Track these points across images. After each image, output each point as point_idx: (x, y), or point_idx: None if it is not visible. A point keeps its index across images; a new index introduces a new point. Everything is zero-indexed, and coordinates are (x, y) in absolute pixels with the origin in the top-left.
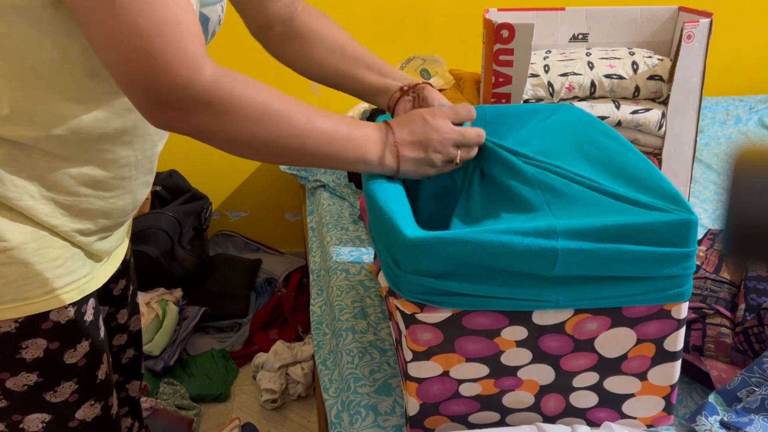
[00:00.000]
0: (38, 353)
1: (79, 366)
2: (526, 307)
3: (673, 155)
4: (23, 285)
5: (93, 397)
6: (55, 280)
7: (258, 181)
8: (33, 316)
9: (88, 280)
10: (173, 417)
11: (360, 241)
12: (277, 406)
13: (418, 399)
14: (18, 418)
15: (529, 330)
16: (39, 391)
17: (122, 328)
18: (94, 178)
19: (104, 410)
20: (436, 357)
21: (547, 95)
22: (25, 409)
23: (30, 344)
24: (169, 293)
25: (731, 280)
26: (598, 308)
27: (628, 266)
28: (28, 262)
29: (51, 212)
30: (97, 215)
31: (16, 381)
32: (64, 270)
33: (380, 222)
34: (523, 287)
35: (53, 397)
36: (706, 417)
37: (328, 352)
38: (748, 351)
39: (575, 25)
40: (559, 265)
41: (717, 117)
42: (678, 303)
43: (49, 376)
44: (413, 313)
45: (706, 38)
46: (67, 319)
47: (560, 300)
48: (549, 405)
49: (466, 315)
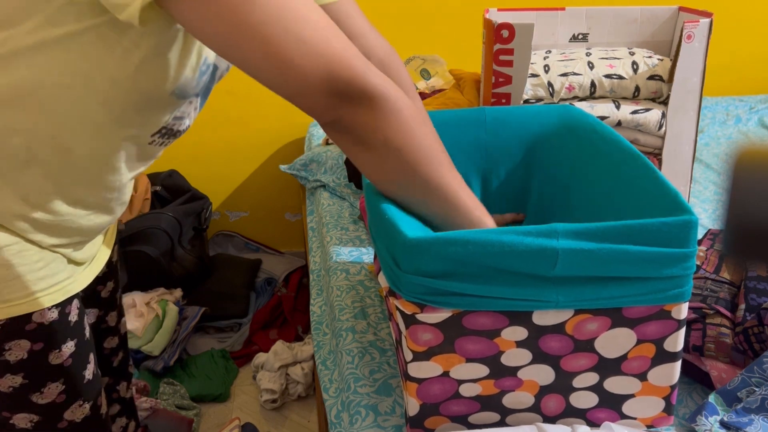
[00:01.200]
0: (22, 354)
1: (65, 366)
2: (526, 307)
3: (673, 155)
4: (5, 287)
5: (81, 397)
6: (38, 282)
7: (258, 181)
8: (16, 317)
9: (71, 282)
10: (173, 417)
11: (360, 241)
12: (277, 406)
13: (418, 399)
14: (7, 416)
15: (529, 330)
16: (25, 393)
17: (113, 331)
18: (79, 200)
19: (93, 410)
20: (436, 357)
21: (547, 95)
22: (12, 410)
23: (13, 346)
24: (169, 293)
25: (731, 280)
26: (598, 309)
27: (629, 266)
28: (10, 264)
29: (29, 229)
30: (74, 233)
31: (1, 383)
32: (47, 272)
33: (380, 222)
34: (523, 287)
35: (40, 398)
36: (706, 417)
37: (328, 352)
38: (748, 351)
39: (575, 25)
40: (559, 265)
41: (717, 117)
42: (678, 303)
43: (34, 377)
44: (413, 314)
45: (706, 38)
46: (51, 320)
47: (560, 300)
48: (549, 405)
49: (467, 315)
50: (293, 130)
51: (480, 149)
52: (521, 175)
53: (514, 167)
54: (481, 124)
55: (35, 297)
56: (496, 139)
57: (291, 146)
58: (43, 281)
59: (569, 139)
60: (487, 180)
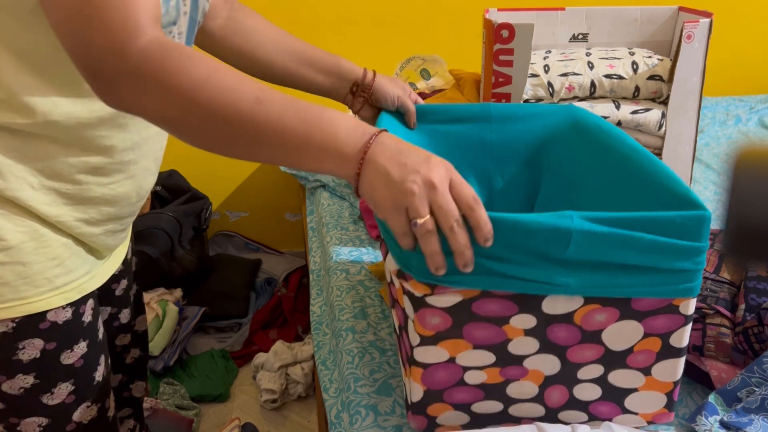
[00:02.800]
0: (35, 353)
1: (76, 367)
2: (537, 290)
3: (673, 155)
4: (21, 284)
5: (90, 398)
6: (53, 279)
7: (258, 181)
8: (30, 315)
9: (88, 279)
10: (173, 417)
11: (360, 241)
12: (277, 406)
13: (422, 385)
14: (15, 421)
15: (537, 319)
16: (36, 394)
17: (125, 328)
18: (93, 165)
19: (100, 412)
20: (443, 342)
21: (547, 95)
22: (22, 413)
23: (27, 344)
24: (169, 293)
25: (731, 280)
26: (607, 299)
27: (641, 255)
28: (26, 261)
29: (52, 201)
30: (100, 203)
31: (12, 384)
32: (63, 269)
33: None
34: (536, 268)
35: (50, 399)
36: (706, 417)
37: (328, 352)
38: (748, 351)
39: (575, 25)
40: (572, 246)
41: (717, 117)
42: (687, 298)
43: (45, 377)
44: (424, 296)
45: (706, 38)
46: (65, 320)
47: (571, 284)
48: (552, 396)
49: (476, 301)
50: None
51: (485, 147)
52: (527, 174)
53: (520, 166)
54: (486, 122)
55: (51, 294)
56: (501, 138)
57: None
58: (59, 278)
59: (575, 138)
60: (492, 178)
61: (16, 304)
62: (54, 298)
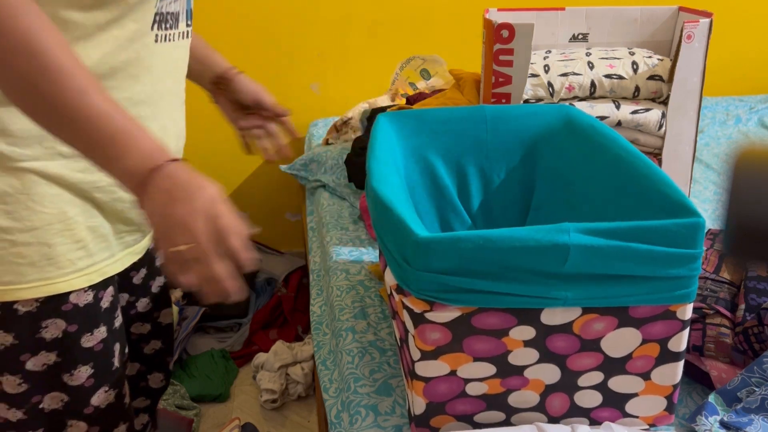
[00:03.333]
0: (57, 333)
1: (95, 351)
2: (536, 304)
3: (673, 155)
4: (46, 265)
5: (107, 383)
6: (76, 261)
7: (258, 181)
8: (54, 296)
9: (110, 263)
10: (173, 417)
11: (360, 241)
12: (277, 406)
13: (424, 398)
14: (38, 399)
15: (537, 330)
16: (58, 371)
17: (143, 317)
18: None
19: (118, 398)
20: (444, 356)
21: (547, 95)
22: (44, 390)
23: (50, 324)
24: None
25: (731, 280)
26: (605, 308)
27: (637, 265)
28: (51, 242)
29: (86, 168)
30: None
31: (36, 360)
32: (86, 252)
33: (388, 221)
34: (533, 284)
35: (71, 380)
36: (706, 417)
37: (328, 352)
38: (748, 351)
39: (575, 25)
40: (570, 260)
41: (717, 117)
42: (683, 304)
43: (67, 357)
44: (423, 312)
45: (706, 38)
46: (86, 303)
47: (569, 297)
48: (554, 404)
49: (476, 315)
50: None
51: (481, 147)
52: (522, 172)
53: (515, 165)
54: (482, 123)
55: (74, 276)
56: (497, 138)
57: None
58: (83, 260)
59: (569, 138)
60: (488, 178)
61: (41, 284)
62: (77, 279)
